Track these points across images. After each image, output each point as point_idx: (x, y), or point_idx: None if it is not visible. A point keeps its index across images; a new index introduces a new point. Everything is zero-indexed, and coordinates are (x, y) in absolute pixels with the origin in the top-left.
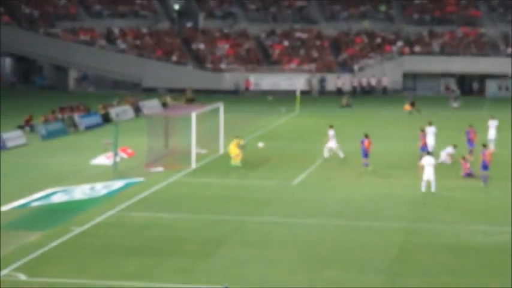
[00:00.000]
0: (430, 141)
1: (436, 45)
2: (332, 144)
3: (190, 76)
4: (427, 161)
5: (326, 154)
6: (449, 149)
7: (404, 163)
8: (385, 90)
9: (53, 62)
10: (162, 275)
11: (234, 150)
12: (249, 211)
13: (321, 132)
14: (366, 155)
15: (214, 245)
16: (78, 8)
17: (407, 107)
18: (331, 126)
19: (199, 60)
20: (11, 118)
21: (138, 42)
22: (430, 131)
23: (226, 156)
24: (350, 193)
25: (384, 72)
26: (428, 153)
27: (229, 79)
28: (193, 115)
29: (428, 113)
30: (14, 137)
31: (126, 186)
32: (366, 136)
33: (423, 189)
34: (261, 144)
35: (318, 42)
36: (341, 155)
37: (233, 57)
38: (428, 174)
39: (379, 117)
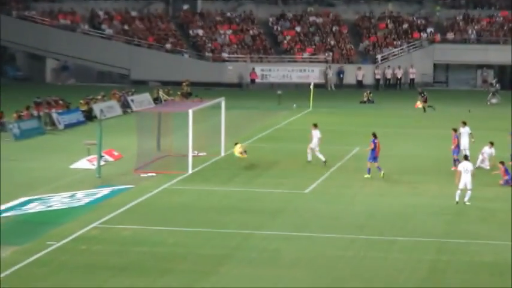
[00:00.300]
0: (465, 143)
1: (472, 32)
2: (313, 145)
3: (186, 67)
4: (465, 167)
5: (309, 157)
6: (486, 149)
7: (433, 168)
8: (412, 84)
9: (27, 49)
10: None
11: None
12: (254, 224)
13: (338, 132)
14: (375, 158)
15: (214, 263)
16: None
17: (418, 103)
18: (315, 125)
19: (197, 49)
20: None
21: (126, 27)
22: (464, 131)
23: (228, 160)
24: (371, 203)
25: (412, 62)
26: (466, 157)
27: (232, 70)
28: (190, 112)
29: (459, 111)
30: None
31: (112, 194)
32: (375, 136)
33: (457, 198)
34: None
35: (335, 28)
36: (322, 158)
37: (236, 45)
38: (465, 182)
39: (405, 115)
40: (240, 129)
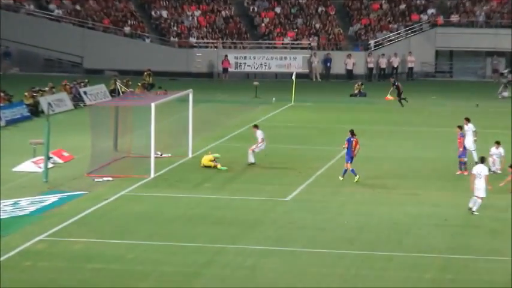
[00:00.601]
0: (469, 143)
1: (480, 14)
2: (257, 147)
3: (148, 54)
4: (478, 171)
5: (251, 159)
6: (493, 150)
7: (435, 172)
8: (411, 74)
9: None
10: None
11: (207, 161)
12: (227, 237)
13: (324, 131)
14: (351, 158)
15: (181, 282)
16: None
17: (389, 96)
18: (256, 126)
19: (160, 33)
20: None
21: (78, 7)
22: (468, 129)
23: (197, 162)
24: (363, 213)
25: (410, 49)
26: (482, 160)
27: (201, 58)
28: (153, 106)
29: (466, 105)
30: None
31: (61, 201)
32: (352, 133)
33: (471, 204)
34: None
35: (321, 9)
36: (251, 159)
37: (206, 28)
38: (480, 188)
39: (403, 110)
40: (210, 126)
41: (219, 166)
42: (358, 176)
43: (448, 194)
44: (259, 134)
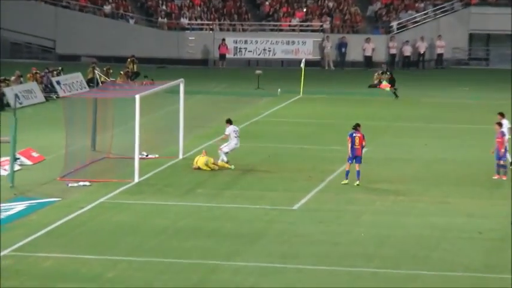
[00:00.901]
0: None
1: None
2: (228, 147)
3: (132, 37)
4: None
5: (224, 158)
6: None
7: (467, 177)
8: (440, 61)
9: None
10: None
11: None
12: (223, 252)
13: (338, 128)
14: (355, 157)
15: None
16: None
17: (385, 83)
18: (229, 122)
19: (147, 12)
20: None
21: None
22: (504, 126)
23: (189, 164)
24: (383, 225)
25: (440, 32)
26: None
27: (194, 42)
28: (137, 98)
29: (504, 98)
30: None
31: (30, 210)
32: (356, 128)
33: None
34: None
35: None
36: (224, 158)
37: (200, 7)
38: None
39: (431, 104)
40: (205, 122)
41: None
42: (359, 181)
43: (484, 203)
44: (229, 130)
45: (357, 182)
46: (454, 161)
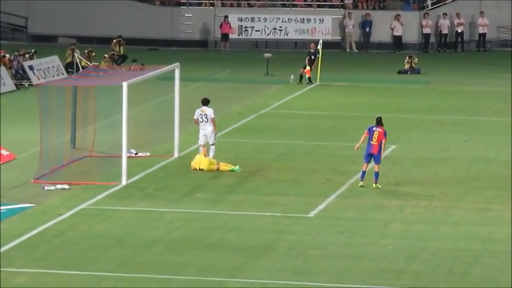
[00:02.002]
0: None
1: None
2: (206, 133)
3: (119, 14)
4: None
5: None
6: None
7: None
8: (483, 42)
9: None
10: None
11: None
12: (227, 267)
13: (361, 121)
14: (372, 156)
15: None
16: None
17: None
18: (205, 101)
19: None
20: None
21: None
22: None
23: (185, 164)
24: (415, 235)
25: (482, 8)
26: None
27: (191, 20)
28: (125, 86)
29: None
30: None
31: None
32: (379, 122)
33: None
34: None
35: None
36: (210, 153)
37: None
38: None
39: (472, 93)
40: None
41: (230, 167)
42: (378, 184)
43: None
44: (208, 112)
45: (374, 185)
46: (498, 161)
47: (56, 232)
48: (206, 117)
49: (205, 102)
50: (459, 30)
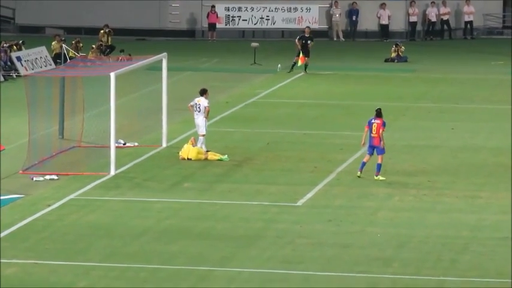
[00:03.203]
0: None
1: None
2: (197, 123)
3: (106, 4)
4: None
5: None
6: None
7: (501, 168)
8: (470, 30)
9: None
10: None
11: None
12: (216, 256)
13: (349, 110)
14: (374, 148)
15: None
16: None
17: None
18: (201, 91)
19: None
20: None
21: None
22: None
23: (174, 154)
24: (403, 223)
25: None
26: None
27: (178, 10)
28: (113, 76)
29: None
30: None
31: None
32: (378, 114)
33: None
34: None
35: None
36: (203, 146)
37: None
38: None
39: (459, 81)
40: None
41: (218, 156)
42: (379, 176)
43: None
44: (203, 102)
45: (376, 177)
46: (485, 148)
47: (45, 223)
48: (199, 108)
49: (202, 92)
50: (444, 18)
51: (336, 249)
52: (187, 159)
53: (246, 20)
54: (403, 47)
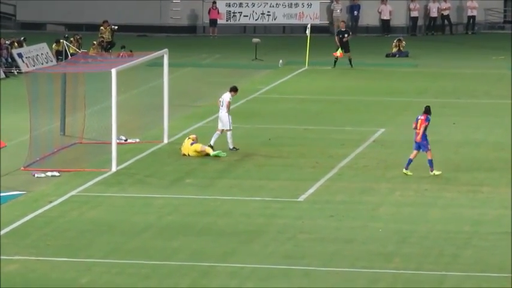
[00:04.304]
0: None
1: None
2: (220, 117)
3: (108, 1)
4: None
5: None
6: None
7: (503, 162)
8: (472, 25)
9: None
10: None
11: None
12: (217, 252)
13: (350, 105)
14: (418, 144)
15: None
16: None
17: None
18: (233, 90)
19: None
20: None
21: None
22: None
23: (175, 150)
24: (405, 218)
25: None
26: None
27: (180, 6)
28: (114, 73)
29: None
30: None
31: None
32: (426, 110)
33: None
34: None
35: None
36: (230, 145)
37: None
38: None
39: (460, 76)
40: (193, 100)
41: (214, 152)
42: (434, 171)
43: None
44: (226, 97)
45: (431, 172)
46: (486, 143)
47: (47, 219)
48: (222, 103)
49: (230, 89)
50: (445, 14)
51: (338, 245)
52: (188, 155)
53: (247, 16)
54: (404, 42)
